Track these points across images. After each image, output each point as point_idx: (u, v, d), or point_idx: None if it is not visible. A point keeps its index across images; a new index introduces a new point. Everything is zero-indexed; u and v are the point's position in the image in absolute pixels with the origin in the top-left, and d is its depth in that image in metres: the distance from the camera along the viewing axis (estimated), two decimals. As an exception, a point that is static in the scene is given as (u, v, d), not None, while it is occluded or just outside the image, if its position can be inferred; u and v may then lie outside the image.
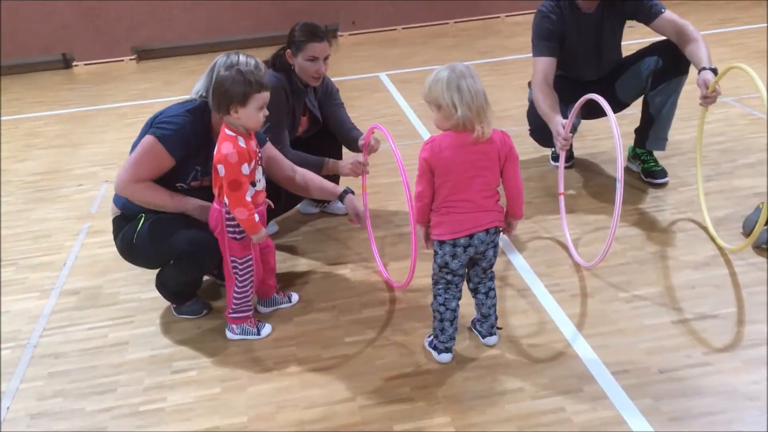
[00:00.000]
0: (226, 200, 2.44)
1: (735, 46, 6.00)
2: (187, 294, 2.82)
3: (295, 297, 2.88)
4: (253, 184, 2.48)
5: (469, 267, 2.43)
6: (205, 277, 3.05)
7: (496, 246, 2.37)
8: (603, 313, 2.63)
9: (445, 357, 2.44)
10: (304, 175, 2.92)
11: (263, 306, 2.83)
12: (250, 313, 2.68)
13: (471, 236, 2.28)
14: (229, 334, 2.69)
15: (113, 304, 2.98)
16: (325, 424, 2.21)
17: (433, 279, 2.42)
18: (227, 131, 2.44)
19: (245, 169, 2.40)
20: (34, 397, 2.45)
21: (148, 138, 2.60)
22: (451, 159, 2.21)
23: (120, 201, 2.76)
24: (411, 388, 2.32)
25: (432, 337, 2.49)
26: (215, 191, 2.51)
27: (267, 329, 2.70)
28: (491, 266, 2.43)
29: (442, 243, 2.32)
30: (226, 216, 2.48)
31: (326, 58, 3.16)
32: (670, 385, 2.23)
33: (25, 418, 2.35)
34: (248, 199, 2.43)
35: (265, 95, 2.42)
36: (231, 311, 2.65)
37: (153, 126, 2.63)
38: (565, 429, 2.10)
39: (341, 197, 2.90)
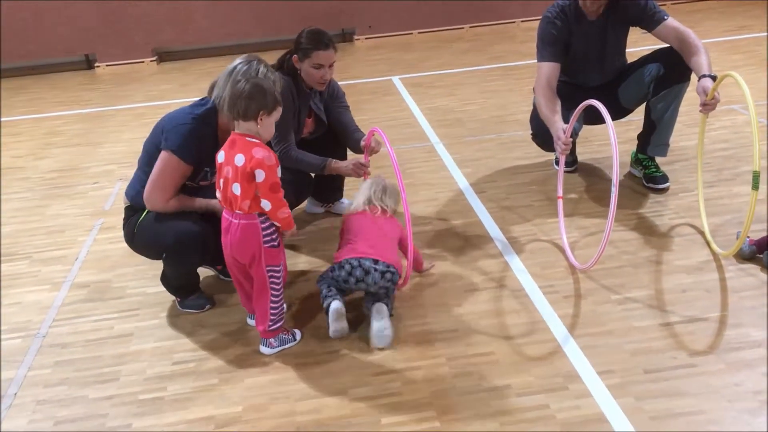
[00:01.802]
0: (262, 207, 2.41)
1: (747, 53, 5.99)
2: (190, 288, 2.91)
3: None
4: None
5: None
6: (210, 273, 3.16)
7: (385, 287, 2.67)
8: (594, 314, 2.68)
9: (336, 303, 2.61)
10: None
11: (253, 319, 2.74)
12: (284, 320, 2.64)
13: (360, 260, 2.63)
14: (266, 350, 2.59)
15: (120, 297, 3.09)
16: (316, 416, 2.28)
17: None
18: (249, 139, 2.39)
19: (279, 171, 2.42)
20: (41, 384, 2.55)
21: (163, 154, 2.65)
22: (358, 219, 2.84)
23: (130, 193, 2.85)
24: (401, 383, 2.39)
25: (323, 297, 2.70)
26: (243, 205, 2.38)
27: (299, 334, 2.67)
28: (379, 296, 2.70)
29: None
30: (263, 225, 2.45)
31: (331, 65, 3.24)
32: (653, 385, 2.27)
33: (32, 403, 2.45)
34: None
35: (281, 110, 2.49)
36: (270, 324, 2.55)
37: (163, 138, 2.67)
38: (547, 425, 2.15)
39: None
